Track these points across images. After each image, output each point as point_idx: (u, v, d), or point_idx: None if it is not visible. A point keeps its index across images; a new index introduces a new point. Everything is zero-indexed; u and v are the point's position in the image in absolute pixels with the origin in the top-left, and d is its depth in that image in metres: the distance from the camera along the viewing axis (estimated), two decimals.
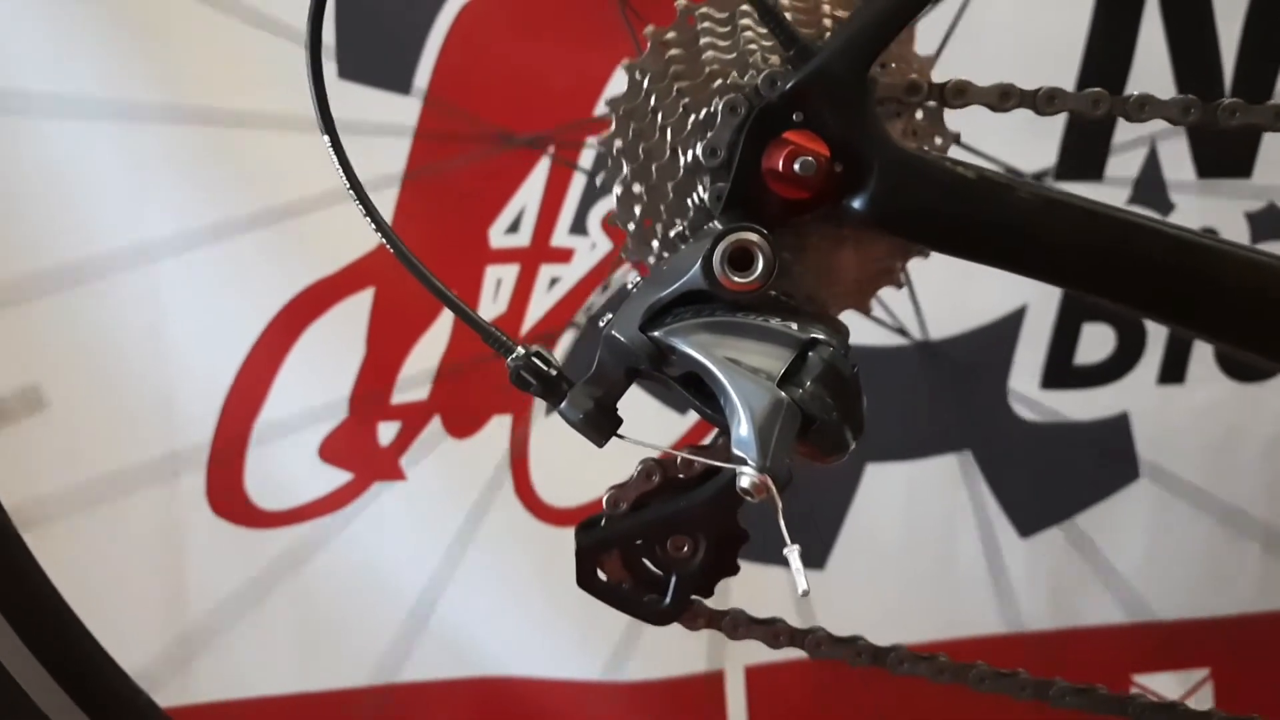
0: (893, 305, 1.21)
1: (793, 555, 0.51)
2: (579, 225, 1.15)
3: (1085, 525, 1.28)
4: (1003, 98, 0.64)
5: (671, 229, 0.62)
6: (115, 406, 1.12)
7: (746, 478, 0.52)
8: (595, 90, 1.13)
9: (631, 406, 0.58)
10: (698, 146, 0.61)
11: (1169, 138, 1.20)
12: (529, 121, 1.14)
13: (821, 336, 0.54)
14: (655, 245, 0.63)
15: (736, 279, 0.55)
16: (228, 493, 1.15)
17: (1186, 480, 1.28)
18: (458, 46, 1.11)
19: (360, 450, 1.16)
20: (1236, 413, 1.27)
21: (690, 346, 0.55)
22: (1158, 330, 1.24)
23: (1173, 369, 1.25)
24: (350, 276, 1.13)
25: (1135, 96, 0.63)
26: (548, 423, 1.18)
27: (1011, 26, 1.16)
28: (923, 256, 0.64)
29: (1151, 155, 1.20)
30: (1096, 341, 1.25)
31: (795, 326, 0.54)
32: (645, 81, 0.61)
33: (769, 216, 0.58)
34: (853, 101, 0.59)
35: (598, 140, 0.63)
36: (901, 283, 0.64)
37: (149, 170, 1.08)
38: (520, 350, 0.58)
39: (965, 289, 1.22)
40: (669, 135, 0.62)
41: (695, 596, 0.65)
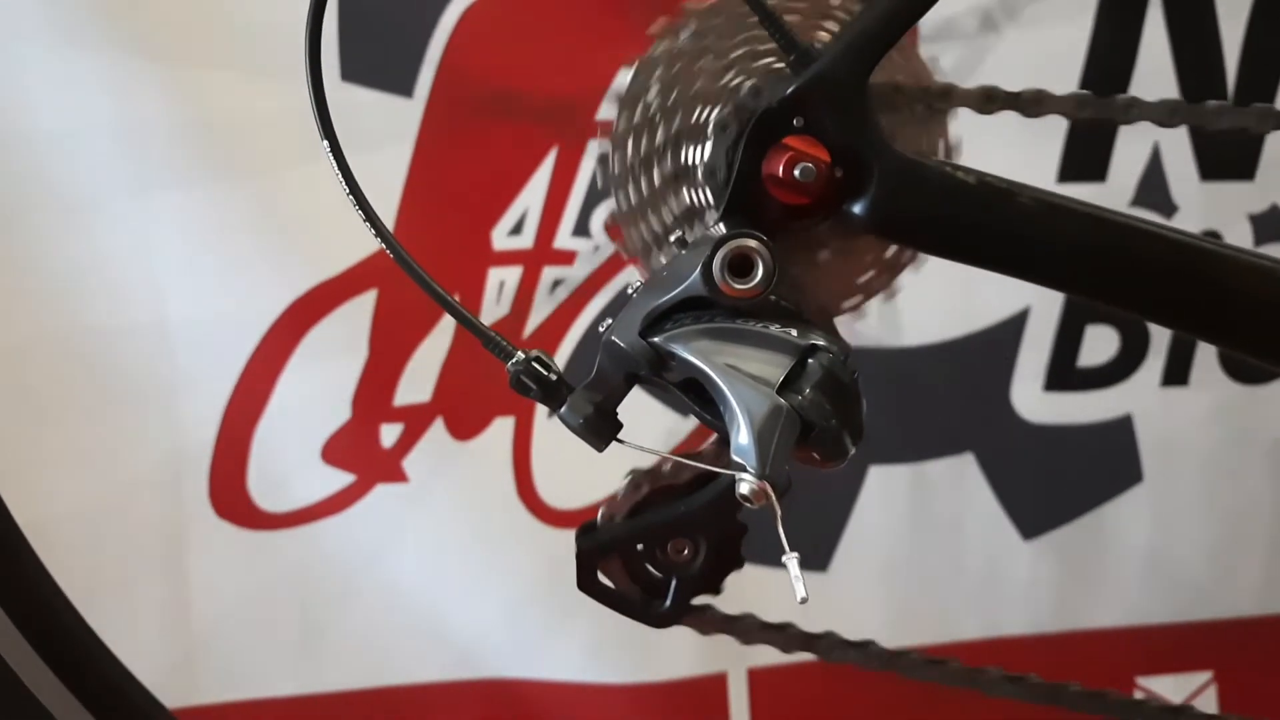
0: (894, 307, 1.21)
1: (792, 562, 0.52)
2: (582, 227, 1.15)
3: (1088, 528, 1.27)
4: (987, 100, 0.63)
5: (671, 234, 0.62)
6: (118, 407, 1.13)
7: (746, 484, 0.52)
8: (599, 91, 1.13)
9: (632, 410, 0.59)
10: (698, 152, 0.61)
11: (1172, 140, 1.20)
12: (532, 123, 1.14)
13: (821, 343, 0.54)
14: (656, 250, 0.63)
15: (736, 285, 0.55)
16: (230, 494, 1.15)
17: (1190, 483, 1.27)
18: (461, 48, 1.11)
19: (363, 452, 1.16)
20: (1240, 415, 1.27)
21: (690, 353, 0.55)
22: (1161, 333, 1.24)
23: (1176, 371, 1.25)
24: (353, 279, 1.13)
25: (1122, 98, 0.63)
26: (550, 425, 1.18)
27: (1013, 25, 1.16)
28: (914, 267, 0.64)
29: (1154, 157, 1.20)
30: (1100, 344, 1.24)
31: (795, 333, 0.54)
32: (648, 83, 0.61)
33: (769, 222, 0.58)
34: (853, 107, 0.59)
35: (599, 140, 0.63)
36: (899, 288, 0.64)
37: (151, 171, 1.09)
38: (520, 355, 0.58)
39: (967, 291, 1.22)
40: (671, 138, 0.62)
41: (706, 599, 0.65)
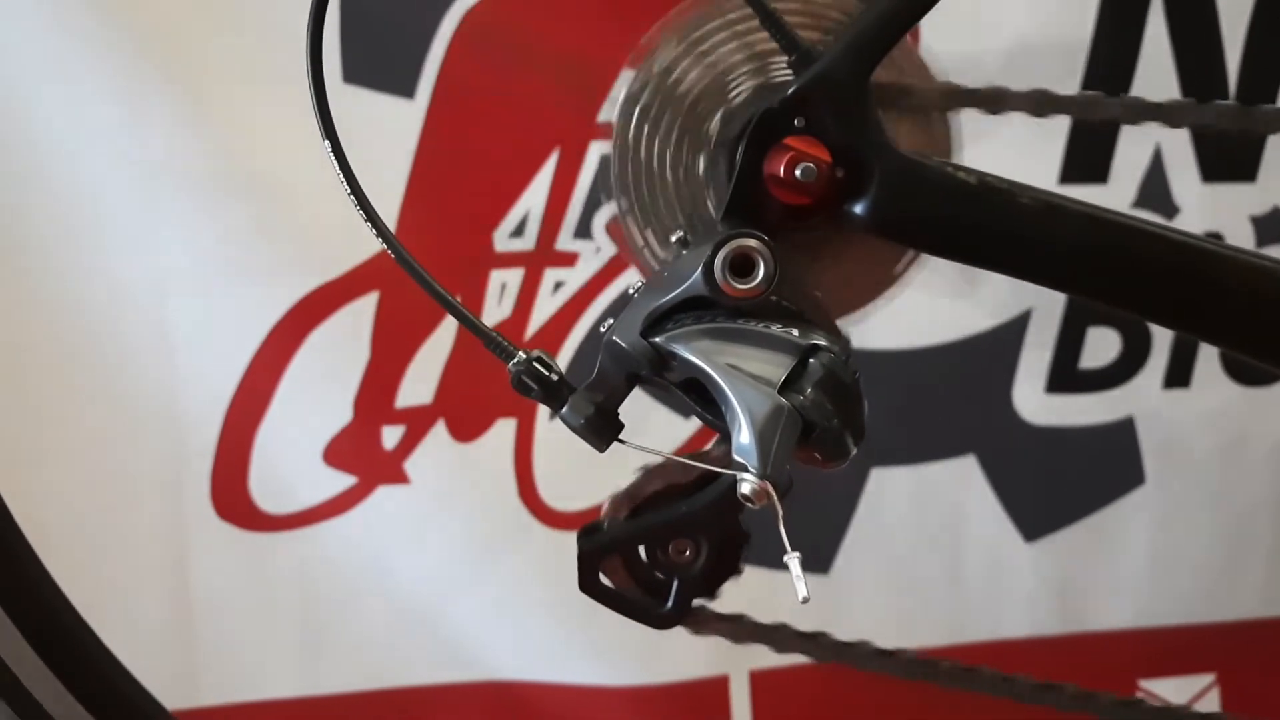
0: (895, 308, 1.21)
1: (793, 562, 0.52)
2: (583, 229, 1.15)
3: (1090, 529, 1.27)
4: (989, 101, 0.63)
5: (672, 234, 0.62)
6: (120, 409, 1.13)
7: (747, 484, 0.52)
8: (601, 94, 1.13)
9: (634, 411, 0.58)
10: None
11: (1173, 141, 1.19)
12: (534, 125, 1.14)
13: (822, 343, 0.54)
14: (657, 251, 0.63)
15: (737, 285, 0.55)
16: (232, 496, 1.15)
17: (1192, 484, 1.27)
18: (463, 51, 1.11)
19: (364, 453, 1.16)
20: (1242, 417, 1.27)
21: (691, 353, 0.55)
22: (1163, 334, 1.24)
23: (1178, 373, 1.25)
24: (355, 280, 1.13)
25: (1125, 99, 0.63)
26: (552, 427, 1.18)
27: (1015, 29, 1.16)
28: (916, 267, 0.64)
29: (1156, 159, 1.20)
30: (1102, 345, 1.24)
31: (796, 333, 0.54)
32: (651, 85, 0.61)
33: (770, 222, 0.58)
34: (854, 107, 0.59)
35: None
36: (900, 290, 0.64)
37: (153, 172, 1.09)
38: (521, 355, 0.58)
39: (969, 292, 1.21)
40: (672, 139, 0.62)
41: (707, 604, 0.65)
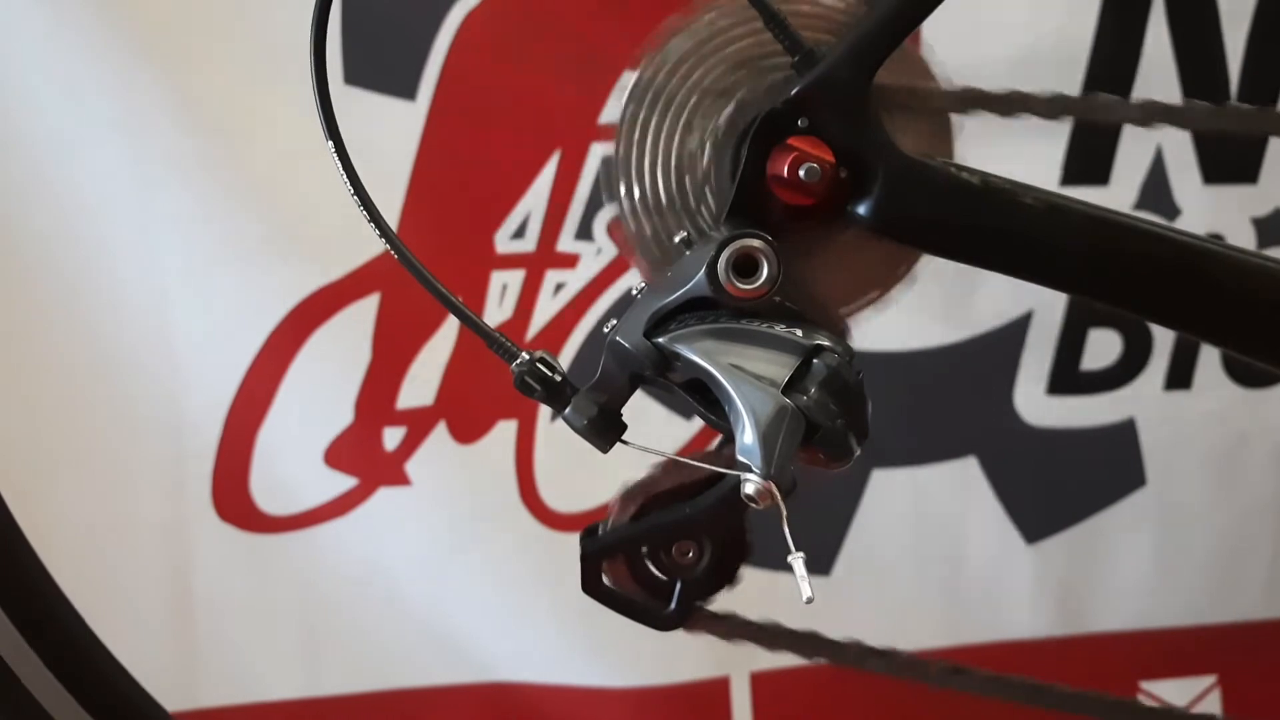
0: (896, 310, 1.21)
1: (797, 563, 0.51)
2: (584, 231, 1.15)
3: (1091, 531, 1.27)
4: (990, 102, 0.63)
5: (675, 235, 0.62)
6: (121, 410, 1.12)
7: (751, 485, 0.52)
8: (602, 96, 1.13)
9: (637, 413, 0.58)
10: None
11: (1174, 143, 1.20)
12: (535, 127, 1.14)
13: (826, 343, 0.54)
14: (660, 252, 0.62)
15: (741, 285, 0.55)
16: (233, 497, 1.15)
17: (1193, 486, 1.27)
18: (464, 52, 1.11)
19: (365, 455, 1.16)
20: (1243, 419, 1.27)
21: (694, 353, 0.55)
22: (1164, 336, 1.24)
23: (1179, 375, 1.25)
24: (356, 282, 1.13)
25: (1130, 101, 0.63)
26: (553, 429, 1.18)
27: (1017, 31, 1.16)
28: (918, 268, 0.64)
29: (1157, 160, 1.20)
30: (1103, 347, 1.24)
31: (800, 333, 0.54)
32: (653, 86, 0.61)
33: (773, 223, 0.58)
34: (857, 107, 0.59)
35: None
36: (903, 291, 0.64)
37: (154, 173, 1.09)
38: (525, 356, 0.58)
39: (970, 293, 1.22)
40: (674, 139, 0.62)
41: (709, 606, 0.65)
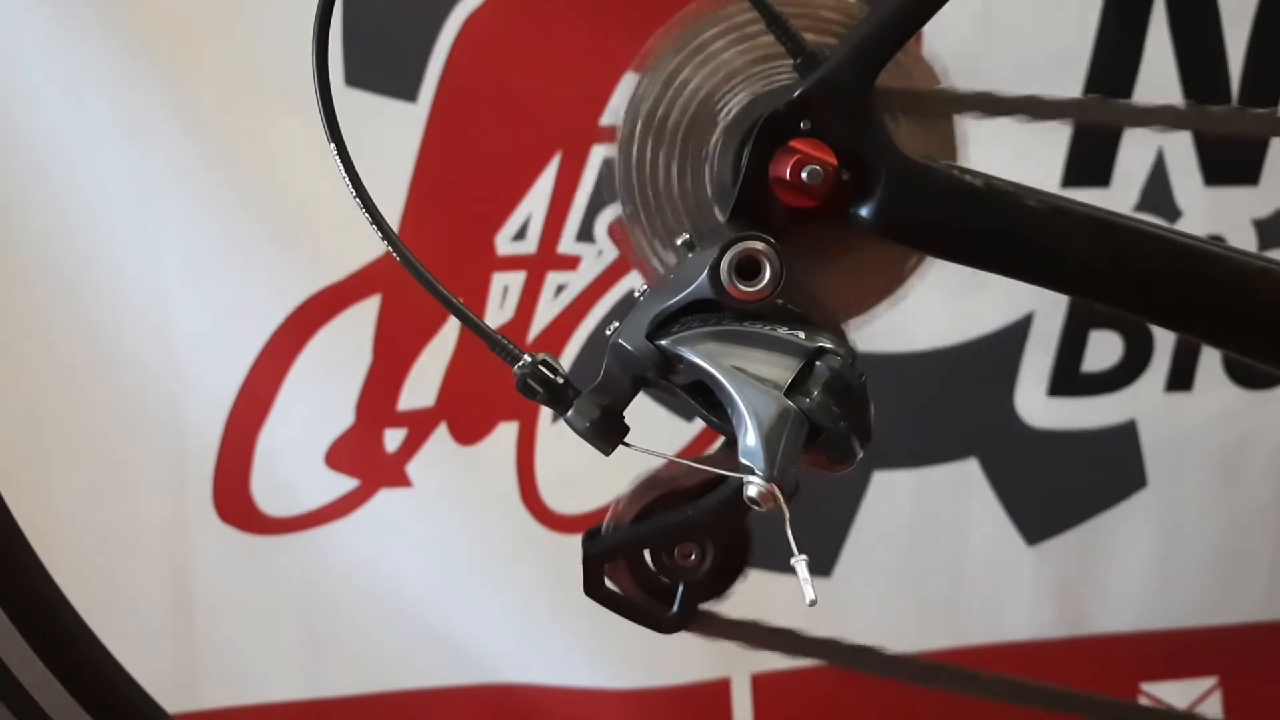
0: (898, 312, 1.21)
1: (800, 565, 0.51)
2: (585, 233, 1.15)
3: (1092, 533, 1.27)
4: (991, 104, 0.63)
5: (677, 237, 0.62)
6: (122, 411, 1.12)
7: (754, 487, 0.52)
8: (603, 98, 1.13)
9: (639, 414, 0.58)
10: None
11: (1176, 145, 1.20)
12: (536, 128, 1.14)
13: (829, 345, 0.54)
14: (662, 254, 0.63)
15: (744, 288, 0.55)
16: (234, 498, 1.15)
17: (1194, 488, 1.27)
18: (465, 54, 1.11)
19: (366, 457, 1.16)
20: (1244, 420, 1.27)
21: (697, 355, 0.55)
22: (1165, 337, 1.24)
23: (1180, 376, 1.25)
24: (357, 283, 1.13)
25: (1131, 103, 0.63)
26: (554, 430, 1.18)
27: (1018, 33, 1.16)
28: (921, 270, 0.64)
29: (1158, 162, 1.20)
30: (1104, 349, 1.24)
31: (803, 335, 0.54)
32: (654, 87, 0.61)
33: (776, 225, 0.58)
34: (860, 109, 0.59)
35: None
36: (905, 292, 0.64)
37: (155, 174, 1.09)
38: (527, 358, 0.58)
39: (972, 295, 1.22)
40: (676, 141, 0.62)
41: (711, 608, 0.65)
